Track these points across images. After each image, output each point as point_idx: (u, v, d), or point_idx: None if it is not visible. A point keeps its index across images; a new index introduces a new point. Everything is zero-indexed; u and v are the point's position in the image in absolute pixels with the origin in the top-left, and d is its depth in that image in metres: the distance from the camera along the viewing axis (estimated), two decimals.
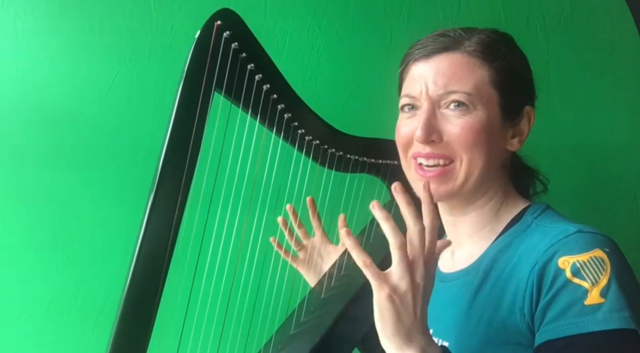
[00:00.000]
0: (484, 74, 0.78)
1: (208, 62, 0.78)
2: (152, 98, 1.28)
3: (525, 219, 0.80)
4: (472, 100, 0.77)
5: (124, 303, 0.76)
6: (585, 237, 0.72)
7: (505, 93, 0.79)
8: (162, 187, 0.77)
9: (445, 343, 0.81)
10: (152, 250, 0.77)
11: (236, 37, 0.80)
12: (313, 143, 0.92)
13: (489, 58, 0.78)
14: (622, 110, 1.35)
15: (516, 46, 0.84)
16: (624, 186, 1.36)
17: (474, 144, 0.77)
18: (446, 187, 0.79)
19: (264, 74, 0.83)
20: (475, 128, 0.77)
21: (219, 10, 0.79)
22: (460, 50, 0.79)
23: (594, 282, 0.67)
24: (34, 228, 1.28)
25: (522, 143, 0.82)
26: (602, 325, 0.66)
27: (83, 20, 1.26)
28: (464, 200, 0.82)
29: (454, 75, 0.78)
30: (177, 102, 0.78)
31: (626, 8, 1.33)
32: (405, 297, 0.63)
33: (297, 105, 0.89)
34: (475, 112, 0.77)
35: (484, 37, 0.80)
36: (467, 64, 0.78)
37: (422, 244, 0.65)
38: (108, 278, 1.29)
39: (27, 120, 1.27)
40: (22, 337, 1.29)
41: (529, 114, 0.82)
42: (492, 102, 0.78)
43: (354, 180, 1.03)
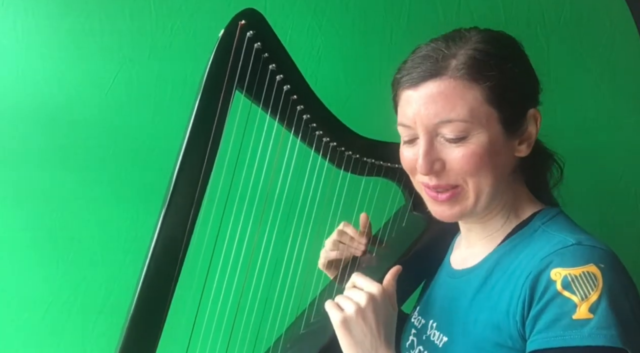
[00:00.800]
0: (476, 95, 0.74)
1: (231, 60, 0.79)
2: (152, 98, 1.28)
3: (533, 224, 0.80)
4: (469, 127, 0.74)
5: (135, 303, 0.77)
6: (583, 250, 0.71)
7: (504, 107, 0.75)
8: (180, 184, 0.78)
9: (444, 339, 0.82)
10: (166, 250, 0.78)
11: (259, 37, 0.81)
12: (330, 145, 0.93)
13: (478, 78, 0.73)
14: (622, 110, 1.35)
15: (510, 48, 0.79)
16: (624, 186, 1.36)
17: (478, 169, 0.75)
18: (460, 207, 0.78)
19: (285, 74, 0.84)
20: (478, 153, 0.74)
21: (244, 10, 0.80)
22: (448, 74, 0.74)
23: (584, 297, 0.67)
24: (34, 228, 1.28)
25: (531, 146, 0.79)
26: (588, 340, 0.65)
27: (83, 20, 1.26)
28: (480, 214, 0.81)
29: (445, 103, 0.74)
30: (199, 98, 0.79)
31: (626, 8, 1.33)
32: (357, 322, 0.75)
33: (317, 107, 0.90)
34: (475, 137, 0.74)
35: (471, 52, 0.74)
36: (457, 89, 0.74)
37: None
38: (108, 278, 1.29)
39: (27, 120, 1.27)
40: (22, 337, 1.29)
41: (534, 116, 0.79)
42: (492, 120, 0.75)
43: (369, 183, 1.03)
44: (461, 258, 0.89)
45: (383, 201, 1.07)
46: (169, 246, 0.78)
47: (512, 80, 0.75)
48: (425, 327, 0.87)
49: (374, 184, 1.03)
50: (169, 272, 0.78)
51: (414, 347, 0.88)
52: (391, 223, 1.07)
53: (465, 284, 0.83)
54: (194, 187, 0.78)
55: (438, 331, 0.84)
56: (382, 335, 0.76)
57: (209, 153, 0.79)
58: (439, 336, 0.83)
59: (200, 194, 0.79)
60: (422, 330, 0.88)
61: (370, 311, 0.76)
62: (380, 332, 0.76)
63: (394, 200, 1.09)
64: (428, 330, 0.86)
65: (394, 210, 1.11)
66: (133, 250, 1.28)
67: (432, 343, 0.84)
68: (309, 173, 0.96)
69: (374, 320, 0.76)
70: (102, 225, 1.29)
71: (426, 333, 0.86)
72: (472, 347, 0.76)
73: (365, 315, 0.76)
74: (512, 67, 0.76)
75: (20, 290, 1.29)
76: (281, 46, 0.84)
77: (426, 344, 0.85)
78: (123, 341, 0.76)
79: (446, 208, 0.79)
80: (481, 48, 0.75)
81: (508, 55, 0.77)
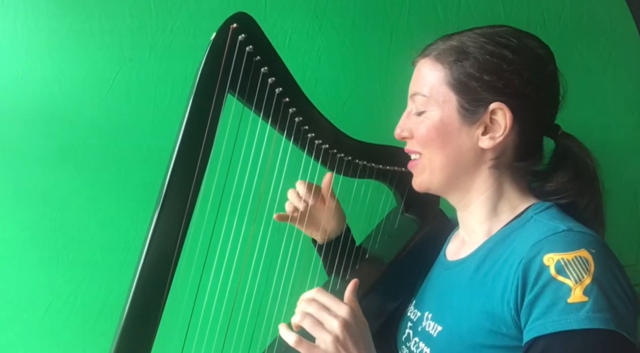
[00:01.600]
0: (439, 76, 0.82)
1: (222, 63, 0.79)
2: (152, 98, 1.28)
3: (526, 214, 0.81)
4: (426, 101, 0.83)
5: (130, 303, 0.77)
6: (573, 236, 0.73)
7: (462, 93, 0.80)
8: (173, 186, 0.78)
9: (439, 328, 0.82)
10: (161, 250, 0.78)
11: (251, 40, 0.81)
12: (322, 147, 0.93)
13: (444, 61, 0.82)
14: (622, 110, 1.35)
15: (502, 43, 0.80)
16: (624, 186, 1.36)
17: (426, 142, 0.83)
18: (420, 178, 0.87)
19: (276, 77, 0.85)
20: (428, 127, 0.82)
21: (235, 14, 0.81)
22: (428, 55, 0.84)
23: (578, 281, 0.68)
24: (34, 228, 1.28)
25: (495, 140, 0.80)
26: (585, 323, 0.67)
27: (83, 20, 1.26)
28: (445, 193, 0.87)
29: (417, 78, 0.85)
30: (191, 102, 0.79)
31: (626, 8, 1.33)
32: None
33: (308, 109, 0.90)
34: (429, 113, 0.83)
35: (456, 40, 0.82)
36: (427, 67, 0.83)
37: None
38: (108, 278, 1.29)
39: (27, 120, 1.27)
40: (22, 337, 1.29)
41: (502, 110, 0.79)
42: (448, 102, 0.81)
43: (361, 185, 1.03)
44: (456, 250, 0.91)
45: (375, 203, 1.07)
46: (163, 247, 0.78)
47: (478, 69, 0.80)
48: (421, 319, 0.88)
49: (365, 186, 1.03)
50: (162, 273, 0.78)
51: (410, 339, 0.89)
52: (383, 226, 1.07)
53: (459, 274, 0.84)
54: (187, 189, 0.78)
55: (433, 321, 0.85)
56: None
57: (202, 156, 0.79)
58: (434, 326, 0.84)
59: (194, 196, 0.79)
60: (417, 322, 0.89)
61: (347, 338, 0.74)
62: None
63: (386, 202, 1.09)
64: (423, 321, 0.87)
65: (386, 212, 1.11)
66: (133, 250, 1.28)
67: (427, 333, 0.85)
68: (301, 175, 0.96)
69: (354, 346, 0.74)
70: (102, 225, 1.29)
71: (421, 325, 0.87)
72: (466, 334, 0.77)
73: (345, 345, 0.74)
74: (480, 56, 0.80)
75: (20, 290, 1.29)
76: (273, 49, 0.84)
77: (422, 335, 0.86)
78: (117, 342, 0.76)
79: (414, 177, 0.89)
80: (470, 36, 0.82)
81: (492, 47, 0.80)
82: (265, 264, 0.95)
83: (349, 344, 0.74)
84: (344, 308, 0.76)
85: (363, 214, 1.04)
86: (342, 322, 0.75)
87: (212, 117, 0.79)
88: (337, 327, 0.74)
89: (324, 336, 0.74)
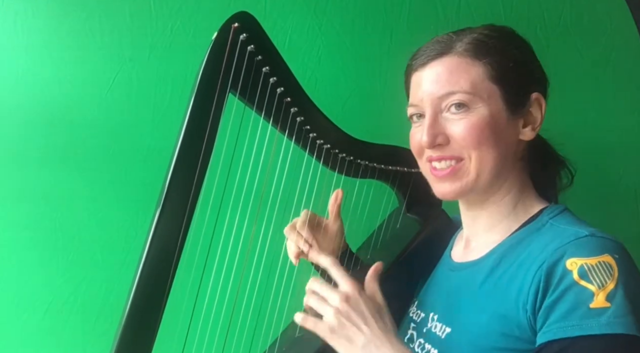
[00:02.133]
0: (479, 71, 0.79)
1: (224, 63, 0.79)
2: (152, 98, 1.28)
3: (541, 218, 0.81)
4: (471, 99, 0.78)
5: (130, 303, 0.76)
6: (597, 241, 0.72)
7: (506, 85, 0.79)
8: (174, 186, 0.78)
9: (447, 330, 0.82)
10: (161, 251, 0.78)
11: (252, 40, 0.81)
12: (324, 147, 0.93)
13: (480, 55, 0.79)
14: (622, 110, 1.35)
15: (513, 36, 0.84)
16: (624, 186, 1.35)
17: (479, 142, 0.79)
18: (460, 184, 0.81)
19: (278, 77, 0.84)
20: (479, 125, 0.78)
21: (237, 13, 0.80)
22: (452, 52, 0.80)
23: (601, 286, 0.68)
24: (34, 228, 1.28)
25: (535, 131, 0.82)
26: (606, 328, 0.66)
27: (83, 20, 1.26)
28: (480, 194, 0.83)
29: (449, 77, 0.79)
30: (193, 101, 0.79)
31: (626, 8, 1.33)
32: (342, 325, 0.75)
33: (310, 109, 0.90)
34: (476, 110, 0.79)
35: (475, 35, 0.81)
36: (461, 65, 0.80)
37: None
38: (108, 278, 1.29)
39: (27, 120, 1.27)
40: (22, 337, 1.29)
41: (538, 100, 0.82)
42: (495, 97, 0.79)
43: (363, 185, 1.03)
44: (463, 251, 0.90)
45: (377, 203, 1.07)
46: (164, 247, 0.78)
47: (513, 61, 0.80)
48: (425, 320, 0.88)
49: (367, 186, 1.03)
50: (164, 273, 0.78)
51: (414, 340, 0.88)
52: (385, 226, 1.07)
53: (470, 276, 0.83)
54: (188, 189, 0.78)
55: (440, 323, 0.84)
56: (374, 326, 0.76)
57: (203, 156, 0.79)
58: (441, 327, 0.83)
59: (195, 196, 0.79)
60: (421, 323, 0.88)
61: (350, 311, 0.76)
62: (372, 325, 0.76)
63: (388, 202, 1.09)
64: (428, 322, 0.87)
65: (388, 212, 1.11)
66: (133, 250, 1.28)
67: (434, 335, 0.84)
68: (302, 175, 0.96)
69: (358, 316, 0.76)
70: (102, 225, 1.29)
71: (426, 326, 0.87)
72: (477, 337, 0.77)
73: (348, 316, 0.76)
74: (514, 50, 0.81)
75: (20, 290, 1.29)
76: (274, 49, 0.84)
77: (427, 336, 0.86)
78: (118, 342, 0.76)
79: (448, 185, 0.82)
80: (486, 33, 0.82)
81: (510, 40, 0.83)
82: (266, 265, 0.95)
83: (352, 315, 0.76)
84: (347, 283, 0.78)
85: (365, 214, 1.04)
86: (343, 295, 0.77)
87: (214, 116, 0.79)
88: (338, 300, 0.77)
89: (327, 310, 0.77)
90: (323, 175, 0.98)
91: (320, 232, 1.00)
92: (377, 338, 0.75)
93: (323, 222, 1.02)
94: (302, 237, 0.97)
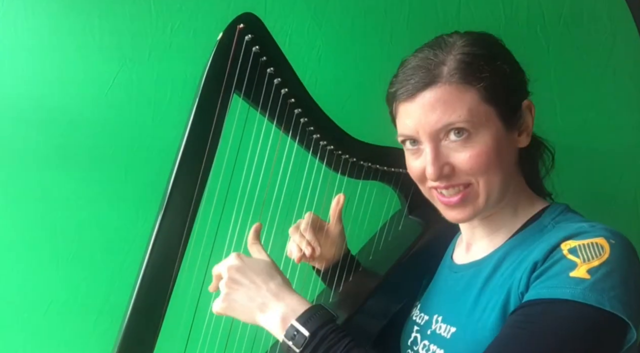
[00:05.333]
0: (474, 97, 0.76)
1: (229, 64, 0.80)
2: (152, 98, 1.28)
3: (542, 220, 0.82)
4: (471, 127, 0.76)
5: (133, 304, 0.77)
6: (598, 228, 0.73)
7: (501, 103, 0.78)
8: (178, 186, 0.79)
9: (452, 329, 0.82)
10: (164, 252, 0.78)
11: (257, 41, 0.82)
12: (327, 148, 0.93)
13: (472, 80, 0.76)
14: (622, 110, 1.35)
15: (496, 48, 0.82)
16: (624, 186, 1.35)
17: (487, 168, 0.78)
18: (472, 207, 0.81)
19: (282, 78, 0.85)
20: (484, 152, 0.77)
21: (242, 14, 0.81)
22: (442, 81, 0.77)
23: (586, 260, 0.69)
24: (34, 228, 1.28)
25: (530, 135, 0.83)
26: (579, 297, 0.67)
27: (83, 20, 1.26)
28: (491, 210, 0.83)
29: (444, 108, 0.76)
30: (197, 101, 0.79)
31: (626, 8, 1.33)
32: (232, 289, 0.80)
33: (314, 110, 0.90)
34: (479, 136, 0.77)
35: (460, 57, 0.77)
36: (454, 93, 0.76)
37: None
38: (108, 278, 1.29)
39: (27, 120, 1.27)
40: (22, 337, 1.29)
41: (528, 107, 0.82)
42: (492, 118, 0.78)
43: (365, 187, 1.03)
44: (465, 253, 0.90)
45: (379, 205, 1.07)
46: (167, 248, 0.78)
47: (503, 77, 0.78)
48: (429, 323, 0.88)
49: (370, 188, 1.03)
50: (166, 273, 0.78)
51: (417, 342, 0.89)
52: (387, 227, 1.07)
53: (473, 276, 0.84)
54: (192, 189, 0.79)
55: (445, 324, 0.84)
56: (265, 285, 0.80)
57: (207, 156, 0.79)
58: (446, 328, 0.83)
59: (198, 197, 0.79)
60: (425, 326, 0.88)
61: (237, 275, 0.80)
62: (259, 285, 0.80)
63: (390, 204, 1.09)
64: (433, 324, 0.87)
65: (390, 214, 1.11)
66: (133, 251, 1.28)
67: (439, 336, 0.84)
68: (306, 176, 0.96)
69: (246, 278, 0.80)
70: (102, 225, 1.29)
71: (431, 328, 0.87)
72: (482, 333, 0.77)
73: (235, 279, 0.80)
74: (501, 65, 0.79)
75: (20, 290, 1.29)
76: (279, 50, 0.85)
77: (432, 338, 0.86)
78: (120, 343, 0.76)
79: (459, 212, 0.81)
80: (468, 51, 0.78)
81: (494, 53, 0.80)
82: None
83: (240, 280, 0.80)
84: (230, 255, 0.83)
85: (367, 216, 1.04)
86: (225, 266, 0.82)
87: (218, 117, 0.80)
88: (224, 270, 0.81)
89: (221, 284, 0.82)
90: (326, 176, 0.98)
91: (322, 235, 1.00)
92: (272, 294, 0.79)
93: (325, 226, 1.02)
94: (304, 239, 0.97)
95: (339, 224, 1.01)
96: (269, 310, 0.78)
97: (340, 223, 1.02)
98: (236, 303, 0.80)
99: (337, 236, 1.02)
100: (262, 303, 0.79)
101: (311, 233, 0.97)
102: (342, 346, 0.74)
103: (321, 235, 1.00)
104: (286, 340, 0.76)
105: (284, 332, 0.76)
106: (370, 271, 1.00)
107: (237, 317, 0.81)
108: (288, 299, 0.79)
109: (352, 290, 0.98)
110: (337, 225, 1.01)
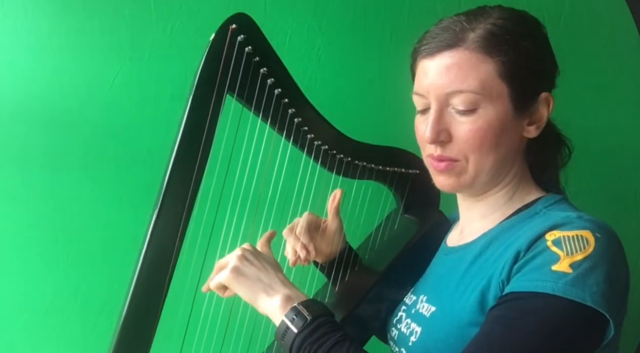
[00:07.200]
0: (489, 69, 0.76)
1: (222, 64, 0.80)
2: (152, 98, 1.28)
3: (535, 207, 0.81)
4: (479, 100, 0.76)
5: (128, 303, 0.77)
6: (584, 220, 0.73)
7: (516, 84, 0.76)
8: (172, 187, 0.79)
9: (432, 308, 0.83)
10: (159, 251, 0.78)
11: (250, 41, 0.81)
12: (322, 148, 0.93)
13: (493, 52, 0.75)
14: (622, 110, 1.35)
15: (531, 28, 0.80)
16: (624, 186, 1.35)
17: (481, 146, 0.77)
18: (457, 180, 0.81)
19: (276, 78, 0.85)
20: (484, 129, 0.77)
21: (235, 15, 0.81)
22: (463, 46, 0.76)
23: (569, 253, 0.68)
24: (35, 228, 1.28)
25: (540, 128, 0.81)
26: (560, 291, 0.67)
27: (83, 20, 1.26)
28: (478, 190, 0.84)
29: (458, 72, 0.76)
30: (190, 102, 0.79)
31: (626, 8, 1.33)
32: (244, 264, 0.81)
33: (308, 110, 0.90)
34: (483, 111, 0.76)
35: (489, 27, 0.76)
36: (471, 61, 0.76)
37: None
38: (108, 278, 1.29)
39: (27, 120, 1.27)
40: (22, 337, 1.29)
41: (546, 100, 0.80)
42: (502, 96, 0.76)
43: (360, 186, 1.02)
44: (458, 237, 0.91)
45: (374, 204, 1.07)
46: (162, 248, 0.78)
47: (526, 58, 0.77)
48: (415, 302, 0.89)
49: (365, 187, 1.03)
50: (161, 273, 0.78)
51: (402, 321, 0.90)
52: (383, 227, 1.07)
53: (460, 258, 0.84)
54: (186, 189, 0.79)
55: (428, 303, 0.85)
56: (271, 272, 0.81)
57: (201, 157, 0.79)
58: (428, 307, 0.84)
59: (193, 197, 0.79)
60: (412, 305, 0.89)
61: (250, 256, 0.82)
62: (269, 270, 0.82)
63: (386, 203, 1.09)
64: (418, 304, 0.88)
65: (386, 213, 1.11)
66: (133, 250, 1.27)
67: (420, 314, 0.85)
68: (300, 176, 0.96)
69: (257, 261, 0.82)
70: (102, 225, 1.29)
71: (415, 308, 0.88)
72: (459, 313, 0.77)
73: (248, 258, 0.82)
74: (528, 45, 0.78)
75: (20, 290, 1.29)
76: (272, 50, 0.85)
77: (414, 317, 0.87)
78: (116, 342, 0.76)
79: (445, 178, 0.82)
80: (500, 24, 0.77)
81: (525, 33, 0.79)
82: None
83: (251, 258, 0.82)
84: (243, 245, 0.85)
85: (362, 215, 1.04)
86: (241, 249, 0.83)
87: (211, 117, 0.80)
88: (237, 252, 0.83)
89: (232, 257, 0.83)
90: (321, 176, 0.98)
91: (318, 233, 1.00)
92: (279, 280, 0.81)
93: (322, 223, 1.02)
94: (299, 242, 0.97)
95: (336, 219, 1.02)
96: (274, 292, 0.79)
97: (337, 219, 1.02)
98: (243, 277, 0.80)
99: (335, 231, 1.02)
100: (268, 285, 0.80)
101: (307, 236, 0.97)
102: (335, 336, 0.75)
103: (318, 235, 1.00)
104: (286, 320, 0.76)
105: (284, 312, 0.77)
106: (366, 271, 1.00)
107: (238, 291, 0.81)
108: (294, 289, 0.81)
109: (348, 289, 0.98)
110: (334, 221, 1.02)
